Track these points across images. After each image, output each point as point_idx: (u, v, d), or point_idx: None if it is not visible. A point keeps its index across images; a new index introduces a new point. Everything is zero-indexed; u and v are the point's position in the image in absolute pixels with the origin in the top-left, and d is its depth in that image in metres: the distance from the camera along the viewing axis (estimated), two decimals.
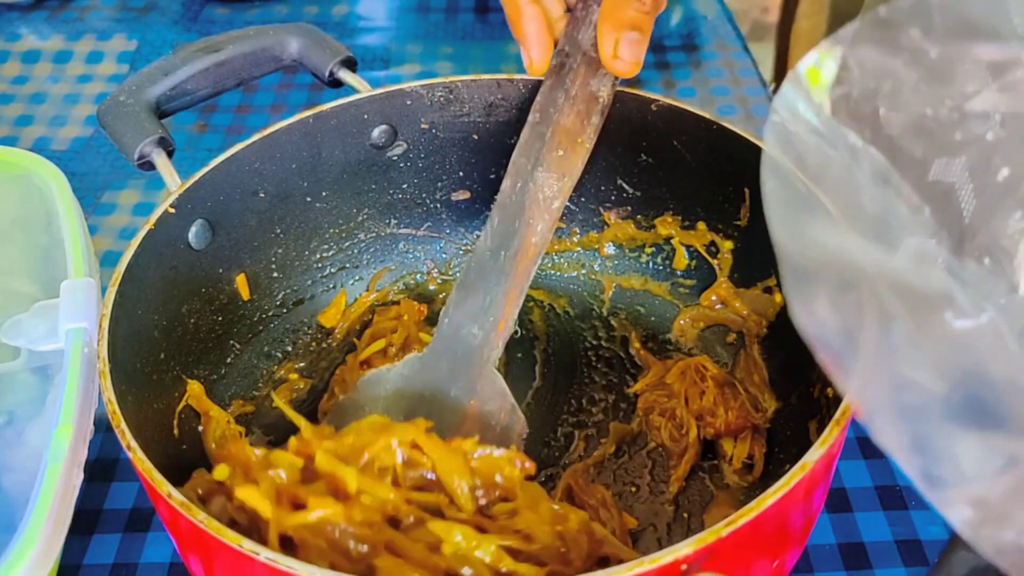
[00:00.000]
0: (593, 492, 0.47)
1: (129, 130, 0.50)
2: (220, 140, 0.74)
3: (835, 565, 0.46)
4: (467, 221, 0.59)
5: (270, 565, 0.32)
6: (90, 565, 0.47)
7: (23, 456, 0.47)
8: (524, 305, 0.58)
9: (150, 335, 0.46)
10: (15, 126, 0.76)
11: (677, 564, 0.31)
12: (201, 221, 0.49)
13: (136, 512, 0.49)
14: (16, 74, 0.81)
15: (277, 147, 0.51)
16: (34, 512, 0.38)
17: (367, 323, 0.56)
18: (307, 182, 0.54)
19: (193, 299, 0.50)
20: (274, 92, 0.79)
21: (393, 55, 0.84)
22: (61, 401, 0.42)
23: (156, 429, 0.44)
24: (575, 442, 0.50)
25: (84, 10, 0.88)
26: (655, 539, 0.46)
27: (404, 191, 0.57)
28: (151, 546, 0.48)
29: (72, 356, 0.44)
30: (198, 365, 0.50)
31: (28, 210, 0.53)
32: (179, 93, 0.53)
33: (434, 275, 0.59)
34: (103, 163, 0.72)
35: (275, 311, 0.55)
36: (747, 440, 0.48)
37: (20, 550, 0.37)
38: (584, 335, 0.56)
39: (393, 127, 0.54)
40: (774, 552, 0.37)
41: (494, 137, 0.55)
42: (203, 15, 0.88)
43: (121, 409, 0.38)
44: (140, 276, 0.44)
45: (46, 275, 0.51)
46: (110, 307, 0.41)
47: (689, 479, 0.48)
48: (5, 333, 0.47)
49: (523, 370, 0.55)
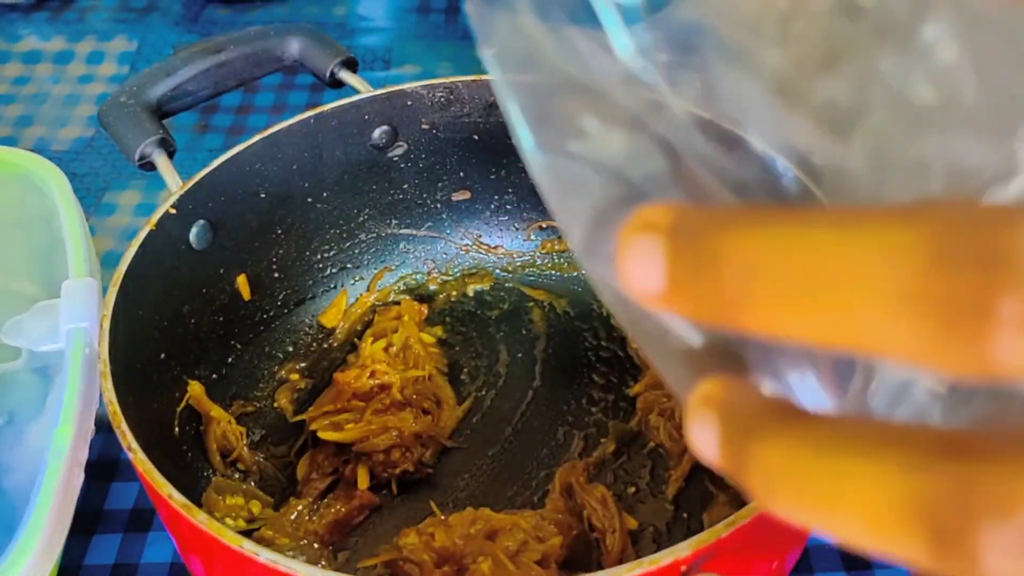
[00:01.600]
0: (593, 492, 0.47)
1: (130, 131, 0.50)
2: (221, 141, 0.74)
3: (835, 565, 0.46)
4: (467, 221, 0.59)
5: (270, 566, 0.32)
6: (90, 566, 0.47)
7: (23, 456, 0.47)
8: (524, 305, 0.58)
9: (151, 335, 0.46)
10: (16, 126, 0.76)
11: (677, 565, 0.31)
12: (202, 222, 0.49)
13: (137, 512, 0.49)
14: (17, 75, 0.81)
15: (278, 148, 0.51)
16: (34, 512, 0.38)
17: (368, 323, 0.56)
18: (308, 182, 0.54)
19: (194, 299, 0.50)
20: (275, 93, 0.79)
21: (393, 55, 0.84)
22: (62, 401, 0.42)
23: (157, 430, 0.44)
24: (575, 442, 0.50)
25: (85, 11, 0.89)
26: (654, 539, 0.46)
27: (405, 191, 0.57)
28: (152, 546, 0.48)
29: (73, 356, 0.44)
30: (199, 365, 0.50)
31: (29, 210, 0.53)
32: (180, 94, 0.53)
33: (435, 275, 0.60)
34: (104, 164, 0.72)
35: (276, 311, 0.55)
36: None
37: (20, 550, 0.37)
38: (584, 335, 0.56)
39: (394, 127, 0.55)
40: (774, 552, 0.37)
41: (494, 137, 0.55)
42: (204, 16, 0.88)
43: (122, 410, 0.38)
44: (141, 277, 0.44)
45: (47, 275, 0.51)
46: (111, 307, 0.41)
47: (689, 479, 0.48)
48: (6, 333, 0.47)
49: (523, 370, 0.55)
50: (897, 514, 0.16)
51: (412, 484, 0.49)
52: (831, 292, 0.16)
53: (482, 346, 0.56)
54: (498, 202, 0.59)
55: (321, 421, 0.49)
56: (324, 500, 0.47)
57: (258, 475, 0.49)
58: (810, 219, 0.17)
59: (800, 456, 0.17)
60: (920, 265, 0.15)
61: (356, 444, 0.48)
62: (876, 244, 0.16)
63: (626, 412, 0.52)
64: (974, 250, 0.15)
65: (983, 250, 0.15)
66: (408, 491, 0.49)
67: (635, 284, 0.19)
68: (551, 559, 0.42)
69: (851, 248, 0.16)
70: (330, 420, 0.49)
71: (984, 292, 0.15)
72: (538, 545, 0.43)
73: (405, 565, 0.43)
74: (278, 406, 0.52)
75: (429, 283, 0.59)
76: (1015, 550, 0.15)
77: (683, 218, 0.18)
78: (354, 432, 0.48)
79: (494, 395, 0.53)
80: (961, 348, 0.15)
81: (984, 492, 0.15)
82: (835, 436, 0.17)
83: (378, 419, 0.49)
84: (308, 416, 0.50)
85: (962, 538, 0.15)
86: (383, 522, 0.48)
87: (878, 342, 0.16)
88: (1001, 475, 0.15)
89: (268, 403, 0.52)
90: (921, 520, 0.16)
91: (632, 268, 0.18)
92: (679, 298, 0.18)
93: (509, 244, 0.60)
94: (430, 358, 0.53)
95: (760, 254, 0.17)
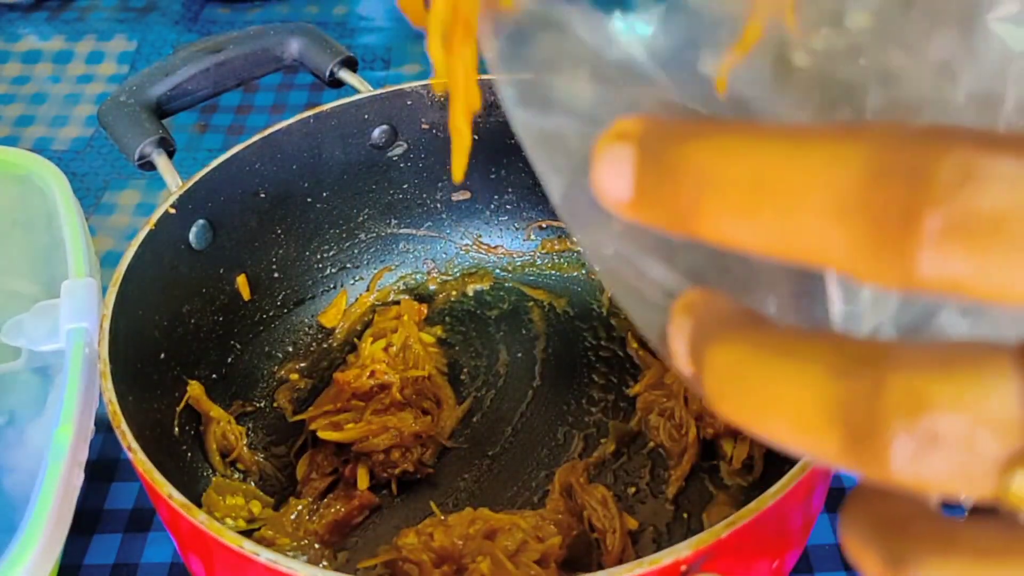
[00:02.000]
0: (593, 492, 0.47)
1: (130, 130, 0.50)
2: (221, 140, 0.74)
3: (835, 565, 0.46)
4: (467, 221, 0.59)
5: (270, 566, 0.32)
6: (90, 565, 0.47)
7: (24, 456, 0.47)
8: (524, 305, 0.58)
9: (151, 335, 0.46)
10: (15, 126, 0.76)
11: (677, 565, 0.31)
12: (202, 221, 0.49)
13: (137, 512, 0.49)
14: (16, 74, 0.81)
15: (277, 147, 0.51)
16: (34, 512, 0.38)
17: (368, 323, 0.56)
18: (307, 182, 0.54)
19: (194, 299, 0.50)
20: (274, 92, 0.79)
21: (393, 55, 0.84)
22: (62, 401, 0.42)
23: (156, 429, 0.45)
24: (575, 442, 0.50)
25: (85, 10, 0.88)
26: (654, 539, 0.46)
27: (404, 191, 0.57)
28: (152, 546, 0.48)
29: (73, 356, 0.44)
30: (199, 365, 0.50)
31: (28, 210, 0.53)
32: (179, 93, 0.53)
33: (434, 275, 0.59)
34: (104, 163, 0.72)
35: (275, 311, 0.55)
36: (747, 440, 0.48)
37: (20, 550, 0.37)
38: (584, 335, 0.56)
39: (393, 127, 0.55)
40: (774, 552, 0.37)
41: (494, 137, 0.55)
42: (204, 15, 0.88)
43: (122, 409, 0.38)
44: (141, 276, 0.44)
45: (47, 275, 0.51)
46: (111, 307, 0.41)
47: (689, 479, 0.48)
48: (6, 333, 0.47)
49: (523, 370, 0.55)
50: (820, 415, 0.17)
51: (412, 484, 0.49)
52: (775, 200, 0.17)
53: (482, 346, 0.56)
54: (498, 202, 0.59)
55: (321, 421, 0.49)
56: (324, 500, 0.47)
57: (258, 475, 0.49)
58: (762, 132, 0.17)
59: (746, 359, 0.18)
60: (856, 178, 0.16)
61: (356, 444, 0.48)
62: (819, 156, 0.16)
63: (626, 412, 0.52)
64: (906, 166, 0.15)
65: (914, 167, 0.15)
66: (408, 491, 0.49)
67: (607, 192, 0.19)
68: (550, 559, 0.42)
69: (796, 160, 0.17)
70: (330, 420, 0.49)
71: (911, 205, 0.15)
72: (537, 545, 0.43)
73: (404, 565, 0.43)
74: (278, 406, 0.52)
75: (429, 283, 0.59)
76: (920, 451, 0.16)
77: (653, 128, 0.19)
78: (354, 432, 0.48)
79: (494, 395, 0.53)
80: (889, 258, 0.16)
81: (895, 394, 0.16)
82: (781, 343, 0.18)
83: (378, 419, 0.49)
84: (308, 416, 0.50)
85: (872, 438, 0.16)
86: (383, 522, 0.48)
87: (816, 251, 0.17)
88: (913, 379, 0.16)
89: (268, 403, 0.52)
90: (839, 420, 0.17)
91: (604, 176, 0.19)
92: (644, 205, 0.19)
93: (509, 244, 0.60)
94: (430, 358, 0.53)
95: (714, 163, 0.18)
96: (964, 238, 0.15)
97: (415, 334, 0.54)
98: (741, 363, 0.18)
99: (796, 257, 0.17)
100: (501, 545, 0.42)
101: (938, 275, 0.15)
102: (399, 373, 0.51)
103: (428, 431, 0.49)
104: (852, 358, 0.17)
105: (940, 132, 0.16)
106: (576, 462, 0.49)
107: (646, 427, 0.51)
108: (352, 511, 0.47)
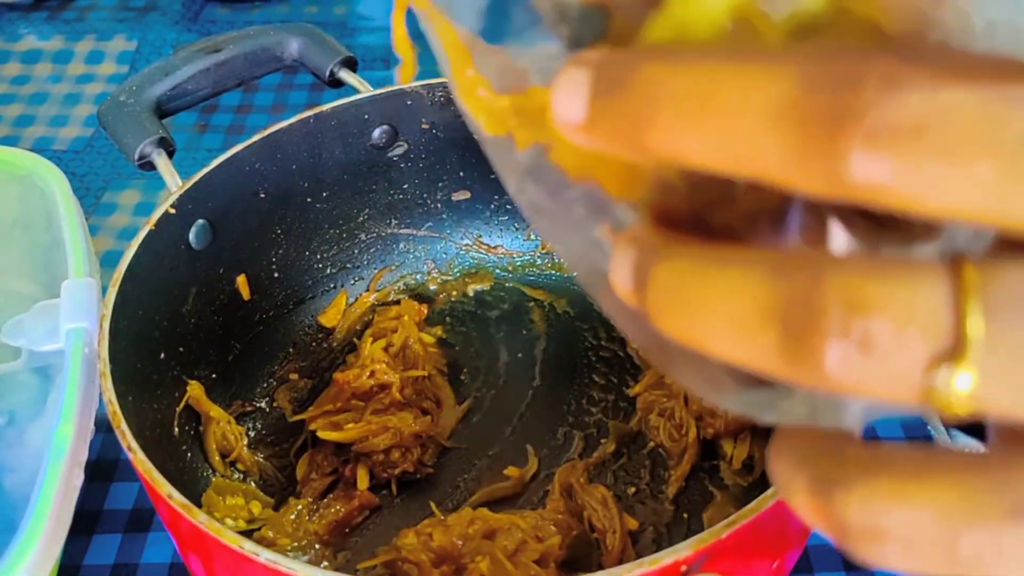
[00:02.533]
0: (593, 492, 0.47)
1: (130, 130, 0.50)
2: (220, 140, 0.74)
3: (835, 565, 0.46)
4: (467, 221, 0.59)
5: (270, 566, 0.32)
6: (90, 566, 0.47)
7: (24, 456, 0.47)
8: (524, 305, 0.58)
9: (151, 335, 0.46)
10: (15, 126, 0.76)
11: (677, 565, 0.31)
12: (201, 221, 0.49)
13: (136, 512, 0.49)
14: (16, 74, 0.81)
15: (277, 147, 0.51)
16: (34, 512, 0.38)
17: (367, 323, 0.56)
18: (307, 182, 0.54)
19: (194, 299, 0.50)
20: (274, 92, 0.79)
21: (393, 55, 0.83)
22: (62, 401, 0.42)
23: (156, 430, 0.45)
24: (575, 442, 0.50)
25: (84, 10, 0.88)
26: (654, 539, 0.46)
27: (405, 191, 0.57)
28: (151, 547, 0.48)
29: (72, 356, 0.44)
30: (199, 365, 0.50)
31: (28, 210, 0.53)
32: (179, 93, 0.53)
33: (434, 275, 0.59)
34: (103, 163, 0.72)
35: (275, 311, 0.55)
36: (747, 440, 0.48)
37: (20, 550, 0.37)
38: (584, 335, 0.56)
39: (394, 127, 0.55)
40: (774, 552, 0.37)
41: None
42: (203, 15, 0.88)
43: (122, 409, 0.38)
44: (141, 276, 0.44)
45: (46, 275, 0.51)
46: (110, 307, 0.41)
47: (689, 479, 0.48)
48: (6, 334, 0.47)
49: (523, 370, 0.55)
50: (756, 314, 0.17)
51: (412, 484, 0.49)
52: (719, 111, 0.17)
53: (482, 346, 0.56)
54: (498, 202, 0.59)
55: (321, 421, 0.49)
56: (324, 500, 0.47)
57: (258, 475, 0.49)
58: (711, 52, 0.18)
59: (687, 272, 0.19)
60: (790, 89, 0.17)
61: (356, 444, 0.48)
62: (759, 70, 0.17)
63: (626, 412, 0.52)
64: (835, 77, 0.16)
65: (842, 78, 0.16)
66: (408, 491, 0.49)
67: (562, 115, 0.20)
68: (550, 559, 0.42)
69: (739, 75, 0.17)
70: (329, 420, 0.49)
71: (839, 113, 0.16)
72: (537, 545, 0.43)
73: (404, 565, 0.43)
74: (278, 406, 0.52)
75: (429, 283, 0.59)
76: (853, 351, 0.16)
77: (610, 55, 0.19)
78: (354, 432, 0.48)
79: (494, 395, 0.53)
80: (818, 163, 0.16)
81: (831, 292, 0.16)
82: (723, 255, 0.18)
83: (378, 419, 0.49)
84: (308, 416, 0.50)
85: (808, 337, 0.16)
86: (383, 522, 0.48)
87: (754, 160, 0.17)
88: (849, 280, 0.16)
89: (268, 403, 0.52)
90: (776, 319, 0.17)
91: (561, 98, 0.20)
92: (598, 123, 0.19)
93: (509, 244, 0.60)
94: (430, 358, 0.53)
95: (664, 78, 0.18)
96: (888, 144, 0.16)
97: (415, 334, 0.54)
98: (682, 275, 0.19)
99: (737, 169, 0.18)
100: (500, 545, 0.42)
101: (864, 180, 0.16)
102: (399, 373, 0.51)
103: (428, 431, 0.49)
104: (790, 262, 0.17)
105: (868, 48, 0.17)
106: (576, 462, 0.49)
107: (646, 427, 0.51)
108: (352, 511, 0.47)
